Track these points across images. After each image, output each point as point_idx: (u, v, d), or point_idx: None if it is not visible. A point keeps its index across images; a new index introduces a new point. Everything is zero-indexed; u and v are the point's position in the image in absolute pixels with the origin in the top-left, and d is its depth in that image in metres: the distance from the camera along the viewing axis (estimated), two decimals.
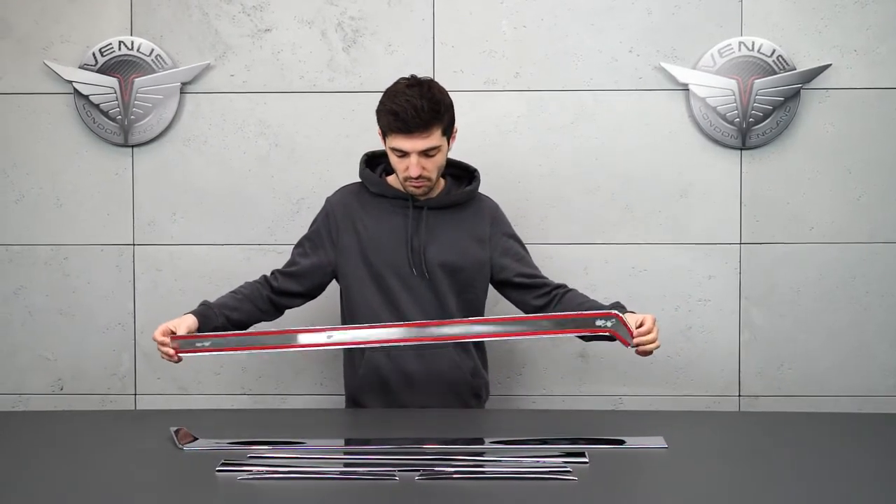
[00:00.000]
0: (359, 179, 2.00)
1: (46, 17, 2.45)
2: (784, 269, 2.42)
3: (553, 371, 2.47)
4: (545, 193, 2.44)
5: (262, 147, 2.46)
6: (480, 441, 1.63)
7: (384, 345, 1.82)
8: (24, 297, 2.49)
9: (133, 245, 2.48)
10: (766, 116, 2.38)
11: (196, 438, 1.60)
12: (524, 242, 2.39)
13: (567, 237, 2.45)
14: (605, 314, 1.72)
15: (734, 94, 2.37)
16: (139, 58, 2.43)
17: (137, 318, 2.48)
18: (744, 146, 2.39)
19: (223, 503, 1.31)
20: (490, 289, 2.05)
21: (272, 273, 1.97)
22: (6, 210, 2.48)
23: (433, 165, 1.84)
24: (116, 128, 2.44)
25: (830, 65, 2.38)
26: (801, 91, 2.38)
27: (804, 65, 2.38)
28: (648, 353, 1.75)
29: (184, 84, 2.44)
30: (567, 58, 2.43)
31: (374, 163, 2.01)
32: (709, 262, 2.43)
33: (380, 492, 1.34)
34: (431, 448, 1.53)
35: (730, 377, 2.44)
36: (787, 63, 2.37)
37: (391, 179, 1.96)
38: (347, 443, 1.64)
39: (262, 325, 1.99)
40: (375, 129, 1.92)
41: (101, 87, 2.43)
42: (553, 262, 2.43)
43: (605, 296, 2.41)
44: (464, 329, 1.76)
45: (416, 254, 1.88)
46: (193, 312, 1.81)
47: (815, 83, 2.38)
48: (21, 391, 2.51)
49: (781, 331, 2.43)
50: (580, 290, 2.03)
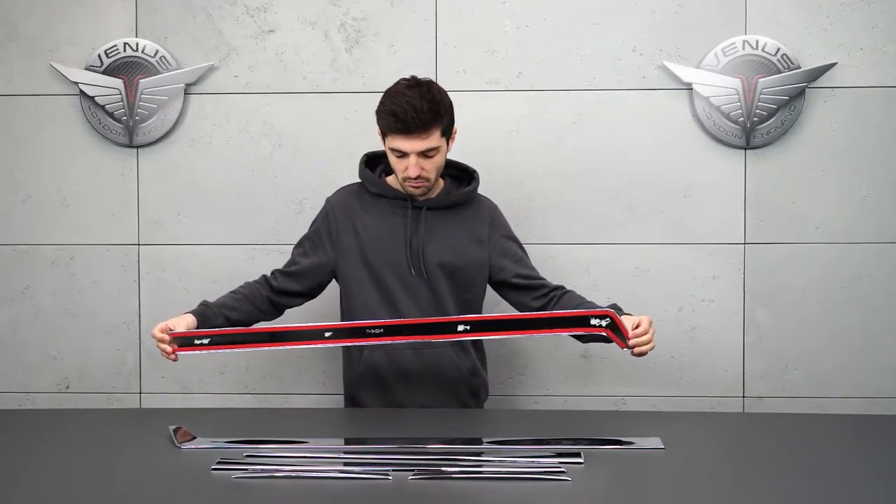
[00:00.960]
0: (359, 180, 2.01)
1: (53, 20, 2.48)
2: (789, 270, 2.40)
3: (555, 371, 2.46)
4: (548, 193, 2.44)
5: (266, 147, 2.47)
6: (477, 441, 1.63)
7: (382, 343, 1.83)
8: (31, 297, 2.52)
9: (138, 245, 2.50)
10: (771, 116, 2.36)
11: (194, 437, 1.61)
12: (527, 242, 2.39)
13: (570, 237, 2.44)
14: (601, 313, 1.71)
15: (738, 94, 2.36)
16: (144, 59, 2.45)
17: (142, 318, 2.50)
18: (748, 145, 2.38)
19: (215, 501, 1.32)
20: (490, 290, 2.05)
21: (272, 273, 1.98)
22: (13, 210, 2.51)
23: (432, 166, 1.84)
24: (121, 128, 2.46)
25: (836, 63, 2.36)
26: (806, 90, 2.36)
27: (809, 63, 2.36)
28: (643, 354, 1.74)
29: (188, 85, 2.45)
30: (570, 57, 2.42)
31: (374, 163, 2.01)
32: (713, 263, 2.42)
33: (373, 491, 1.34)
34: (427, 448, 1.53)
35: (734, 378, 2.43)
36: (792, 62, 2.35)
37: (391, 180, 1.96)
38: (344, 442, 1.64)
39: (261, 325, 2.00)
40: (378, 130, 1.92)
41: (107, 89, 2.45)
42: (556, 262, 2.42)
43: (608, 296, 2.42)
44: (460, 327, 1.76)
45: (415, 254, 1.88)
46: (193, 312, 1.82)
47: (821, 82, 2.36)
48: (28, 390, 2.53)
49: (786, 331, 2.41)
50: (583, 291, 2.03)
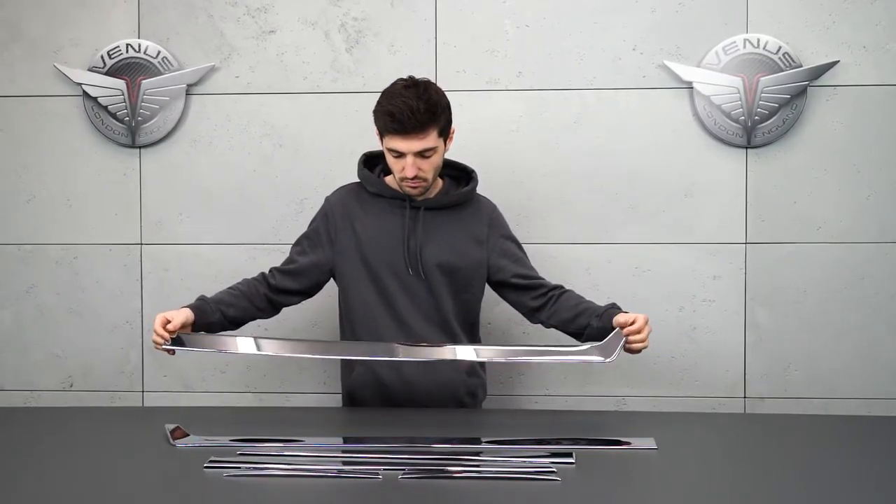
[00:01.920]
0: (358, 179, 2.01)
1: (57, 21, 2.50)
2: (790, 270, 2.39)
3: (555, 371, 2.46)
4: (548, 193, 2.43)
5: (267, 147, 2.48)
6: (470, 441, 1.63)
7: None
8: (36, 296, 2.54)
9: (140, 245, 2.52)
10: (772, 114, 2.34)
11: (189, 435, 1.62)
12: (527, 242, 2.38)
13: (570, 237, 2.44)
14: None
15: (739, 92, 2.34)
16: (146, 60, 2.47)
17: (145, 317, 2.52)
18: (749, 145, 2.36)
19: (205, 499, 1.33)
20: (490, 291, 2.05)
21: (270, 271, 1.99)
22: (18, 210, 2.53)
23: (429, 166, 1.84)
24: (124, 129, 2.48)
25: (838, 61, 2.34)
26: (808, 88, 2.34)
27: (811, 62, 2.35)
28: (636, 352, 1.74)
29: (189, 86, 2.47)
30: (570, 57, 2.42)
31: (373, 163, 2.02)
32: (713, 262, 2.40)
33: (362, 490, 1.35)
34: (419, 447, 1.54)
35: (735, 378, 2.42)
36: (794, 60, 2.33)
37: (389, 179, 1.96)
38: (337, 441, 1.64)
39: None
40: (376, 130, 1.92)
41: (109, 89, 2.47)
42: (556, 263, 2.42)
43: (608, 296, 2.40)
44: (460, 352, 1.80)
45: (413, 254, 1.89)
46: (190, 307, 1.82)
47: (823, 80, 2.35)
48: (33, 387, 2.56)
49: (787, 332, 2.40)
50: (583, 291, 2.03)
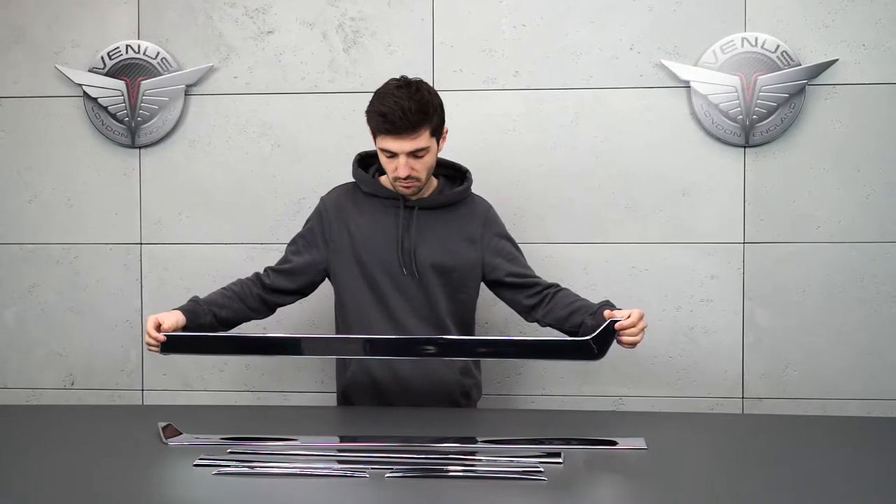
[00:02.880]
0: (353, 179, 2.02)
1: (59, 23, 2.52)
2: (789, 269, 2.37)
3: (553, 371, 2.46)
4: (545, 193, 2.43)
5: (265, 147, 2.50)
6: (460, 440, 1.62)
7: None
8: (38, 295, 2.57)
9: (140, 244, 2.54)
10: (770, 113, 2.33)
11: (181, 433, 1.63)
12: (524, 242, 2.38)
13: (567, 237, 2.43)
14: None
15: (737, 91, 2.33)
16: (145, 61, 2.48)
17: (144, 316, 2.53)
18: (747, 144, 2.35)
19: (191, 496, 1.34)
20: (487, 291, 2.05)
21: (265, 270, 1.99)
22: (20, 210, 2.56)
23: (422, 166, 1.84)
24: (124, 129, 2.50)
25: (837, 60, 2.32)
26: (807, 87, 2.33)
27: (810, 60, 2.33)
28: (630, 346, 1.72)
29: (188, 86, 2.48)
30: (567, 56, 2.41)
31: (368, 163, 2.02)
32: (711, 262, 2.39)
33: (348, 488, 1.36)
34: (409, 447, 1.54)
35: (733, 379, 2.40)
36: (792, 59, 2.32)
37: (384, 179, 1.97)
38: (329, 440, 1.64)
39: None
40: (369, 130, 1.92)
41: (110, 90, 2.50)
42: (553, 262, 2.42)
43: (605, 296, 2.39)
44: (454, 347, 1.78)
45: (407, 253, 1.89)
46: (182, 309, 1.83)
47: (822, 79, 2.33)
48: (35, 386, 2.58)
49: (786, 332, 2.38)
50: (580, 291, 2.02)
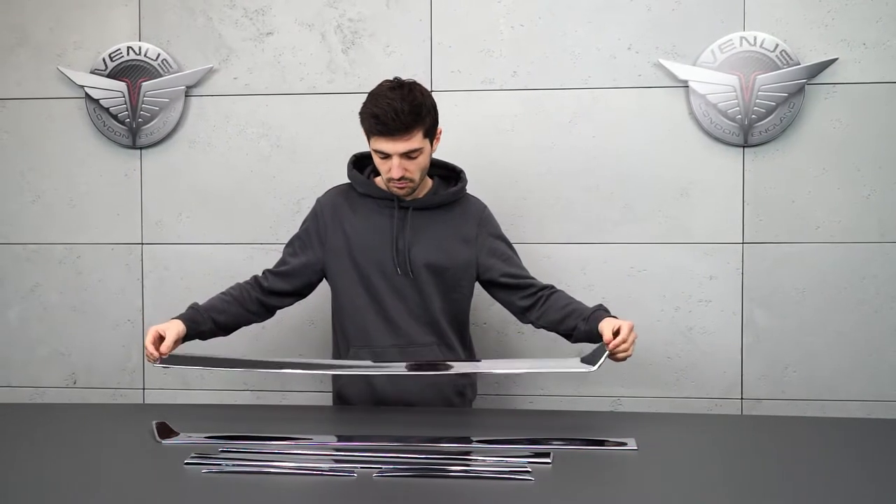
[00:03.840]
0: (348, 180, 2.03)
1: (61, 26, 2.55)
2: (788, 270, 2.36)
3: (551, 372, 2.45)
4: (543, 193, 2.43)
5: (264, 148, 2.51)
6: (451, 440, 1.63)
7: (370, 347, 1.92)
8: (41, 294, 2.59)
9: (141, 244, 2.56)
10: (769, 113, 2.32)
11: (176, 432, 1.65)
12: (522, 242, 2.39)
13: (565, 237, 2.43)
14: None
15: (735, 91, 2.32)
16: (146, 62, 2.50)
17: (146, 315, 2.56)
18: (746, 143, 2.34)
19: (183, 495, 1.35)
20: (482, 292, 2.05)
21: (263, 273, 2.00)
22: (23, 210, 2.59)
23: (415, 167, 1.85)
24: (125, 130, 2.52)
25: (837, 59, 2.31)
26: (806, 86, 2.31)
27: (809, 59, 2.32)
28: (621, 360, 1.73)
29: (188, 87, 2.50)
30: (565, 56, 2.41)
31: (363, 164, 2.03)
32: (710, 262, 2.39)
33: (336, 488, 1.36)
34: (399, 446, 1.55)
35: (732, 380, 2.39)
36: (791, 58, 2.31)
37: (379, 180, 1.97)
38: (321, 439, 1.65)
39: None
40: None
41: (111, 92, 2.52)
42: (551, 262, 2.42)
43: (603, 296, 2.41)
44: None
45: (401, 254, 1.89)
46: (182, 318, 1.84)
47: (821, 78, 2.32)
48: (38, 384, 2.61)
49: (786, 333, 2.37)
50: (578, 291, 2.02)
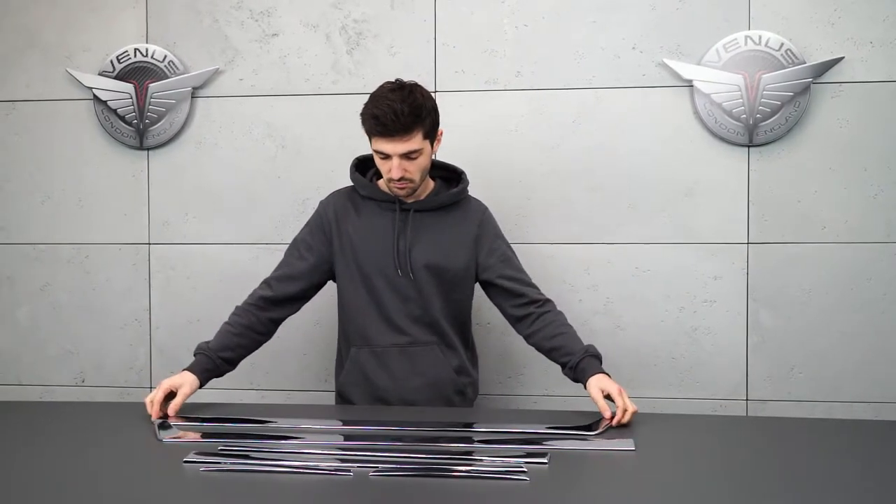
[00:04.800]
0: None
1: (69, 28, 2.57)
2: (794, 270, 2.35)
3: (555, 371, 2.42)
4: (547, 193, 2.43)
5: (270, 149, 2.53)
6: (448, 440, 1.63)
7: (371, 345, 1.93)
8: (50, 294, 2.62)
9: (149, 244, 2.58)
10: (775, 112, 2.30)
11: (174, 429, 1.66)
12: (526, 242, 2.39)
13: (569, 237, 2.43)
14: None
15: (740, 90, 2.31)
16: (153, 64, 2.53)
17: (153, 315, 2.58)
18: (751, 143, 2.33)
19: (177, 492, 1.36)
20: (481, 294, 2.05)
21: (265, 284, 1.97)
22: (33, 211, 2.62)
23: (415, 168, 1.85)
24: (132, 131, 2.55)
25: (843, 58, 2.29)
26: (812, 85, 2.30)
27: (815, 58, 2.30)
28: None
29: (195, 88, 2.52)
30: (569, 56, 2.41)
31: (365, 166, 2.03)
32: (715, 263, 2.37)
33: (332, 486, 1.37)
34: (396, 445, 1.55)
35: (737, 380, 2.38)
36: (797, 57, 2.29)
37: (381, 182, 1.98)
38: (319, 438, 1.66)
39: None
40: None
41: (119, 93, 2.54)
42: (555, 262, 2.42)
43: (608, 296, 2.41)
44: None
45: (402, 255, 1.90)
46: (195, 370, 1.84)
47: (827, 77, 2.30)
48: (47, 383, 2.64)
49: (791, 333, 2.35)
50: (582, 291, 2.02)
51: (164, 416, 1.76)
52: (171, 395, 1.80)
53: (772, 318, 2.36)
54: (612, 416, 1.70)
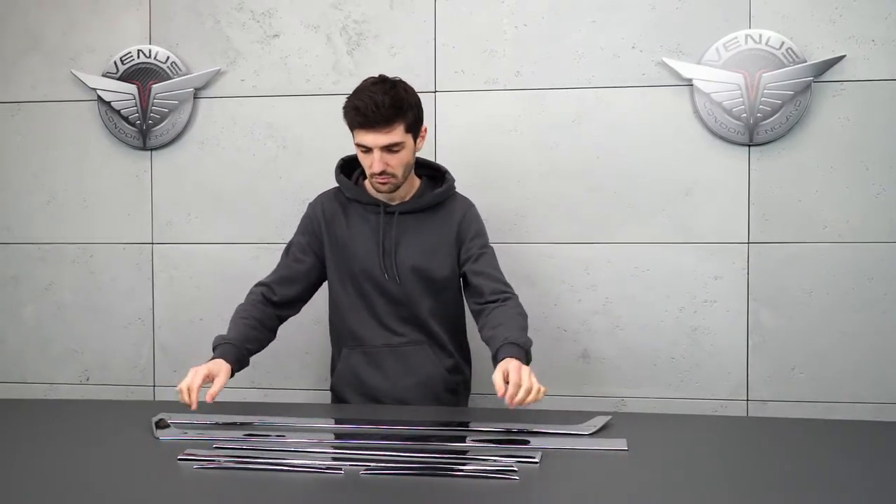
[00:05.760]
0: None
1: (74, 30, 2.60)
2: (794, 270, 2.33)
3: (554, 371, 2.45)
4: (546, 192, 2.43)
5: (271, 149, 2.54)
6: (439, 439, 1.63)
7: (363, 347, 1.93)
8: (55, 293, 2.65)
9: (152, 244, 2.61)
10: (775, 111, 2.29)
11: (174, 428, 1.68)
12: (525, 242, 2.39)
13: (569, 237, 2.43)
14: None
15: (740, 89, 2.30)
16: (156, 65, 2.55)
17: (156, 314, 2.61)
18: (751, 142, 2.32)
19: (170, 489, 1.37)
20: None
21: (265, 289, 1.94)
22: (38, 211, 2.65)
23: (397, 162, 1.83)
24: (136, 132, 2.57)
25: (844, 56, 2.27)
26: (813, 84, 2.28)
27: (817, 57, 2.29)
28: (532, 402, 1.57)
29: (197, 89, 2.54)
30: (568, 56, 2.41)
31: (351, 168, 2.01)
32: (715, 262, 2.36)
33: (323, 485, 1.38)
34: (387, 444, 1.56)
35: (737, 380, 2.37)
36: (798, 56, 2.28)
37: (367, 184, 1.96)
38: (312, 436, 1.67)
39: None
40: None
41: (122, 94, 2.56)
42: (554, 262, 2.42)
43: (607, 296, 2.41)
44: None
45: (388, 259, 1.90)
46: (227, 358, 1.76)
47: (828, 76, 2.29)
48: (52, 381, 2.67)
49: (792, 334, 2.34)
50: (582, 291, 2.00)
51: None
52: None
53: (772, 318, 2.35)
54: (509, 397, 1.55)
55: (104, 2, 2.58)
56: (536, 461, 1.46)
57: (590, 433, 1.64)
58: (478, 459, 1.47)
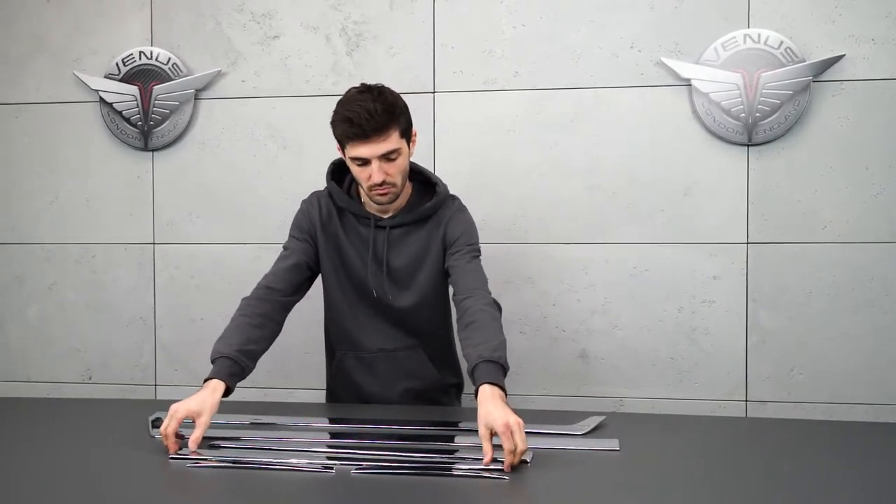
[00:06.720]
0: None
1: (77, 32, 2.62)
2: (794, 270, 2.33)
3: (553, 371, 2.45)
4: (546, 192, 2.43)
5: (271, 149, 2.55)
6: (430, 438, 1.64)
7: (356, 351, 1.94)
8: (57, 293, 2.67)
9: (153, 244, 2.62)
10: (774, 111, 2.29)
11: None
12: (525, 242, 2.40)
13: (568, 237, 2.43)
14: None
15: (739, 89, 2.29)
16: (157, 66, 2.57)
17: (157, 313, 2.63)
18: (750, 142, 2.31)
19: (163, 487, 1.39)
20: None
21: (268, 283, 1.88)
22: (41, 211, 2.67)
23: (396, 170, 1.76)
24: (137, 133, 2.59)
25: (844, 55, 2.26)
26: (812, 84, 2.27)
27: (816, 56, 2.28)
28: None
29: (198, 90, 2.56)
30: (567, 56, 2.41)
31: (342, 172, 1.95)
32: (714, 263, 2.36)
33: (314, 484, 1.38)
34: (378, 443, 1.57)
35: (736, 381, 2.36)
36: (797, 55, 2.27)
37: (361, 193, 1.89)
38: (307, 435, 1.68)
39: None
40: (337, 144, 1.82)
41: (124, 95, 2.59)
42: (554, 262, 2.42)
43: (606, 296, 2.40)
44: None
45: (378, 272, 1.87)
46: (222, 376, 1.68)
47: (827, 75, 2.28)
48: (56, 380, 2.69)
49: (791, 334, 2.33)
50: (581, 291, 1.97)
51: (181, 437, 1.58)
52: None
53: (772, 319, 2.34)
54: (495, 460, 1.43)
55: (107, 4, 2.60)
56: (527, 461, 1.46)
57: (583, 433, 1.64)
58: (469, 459, 1.47)
